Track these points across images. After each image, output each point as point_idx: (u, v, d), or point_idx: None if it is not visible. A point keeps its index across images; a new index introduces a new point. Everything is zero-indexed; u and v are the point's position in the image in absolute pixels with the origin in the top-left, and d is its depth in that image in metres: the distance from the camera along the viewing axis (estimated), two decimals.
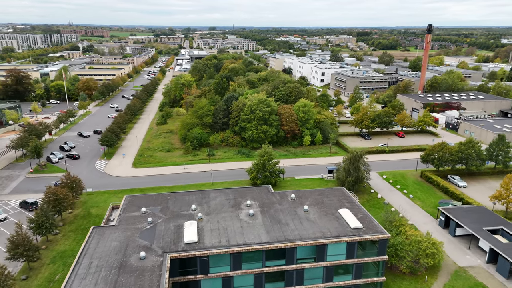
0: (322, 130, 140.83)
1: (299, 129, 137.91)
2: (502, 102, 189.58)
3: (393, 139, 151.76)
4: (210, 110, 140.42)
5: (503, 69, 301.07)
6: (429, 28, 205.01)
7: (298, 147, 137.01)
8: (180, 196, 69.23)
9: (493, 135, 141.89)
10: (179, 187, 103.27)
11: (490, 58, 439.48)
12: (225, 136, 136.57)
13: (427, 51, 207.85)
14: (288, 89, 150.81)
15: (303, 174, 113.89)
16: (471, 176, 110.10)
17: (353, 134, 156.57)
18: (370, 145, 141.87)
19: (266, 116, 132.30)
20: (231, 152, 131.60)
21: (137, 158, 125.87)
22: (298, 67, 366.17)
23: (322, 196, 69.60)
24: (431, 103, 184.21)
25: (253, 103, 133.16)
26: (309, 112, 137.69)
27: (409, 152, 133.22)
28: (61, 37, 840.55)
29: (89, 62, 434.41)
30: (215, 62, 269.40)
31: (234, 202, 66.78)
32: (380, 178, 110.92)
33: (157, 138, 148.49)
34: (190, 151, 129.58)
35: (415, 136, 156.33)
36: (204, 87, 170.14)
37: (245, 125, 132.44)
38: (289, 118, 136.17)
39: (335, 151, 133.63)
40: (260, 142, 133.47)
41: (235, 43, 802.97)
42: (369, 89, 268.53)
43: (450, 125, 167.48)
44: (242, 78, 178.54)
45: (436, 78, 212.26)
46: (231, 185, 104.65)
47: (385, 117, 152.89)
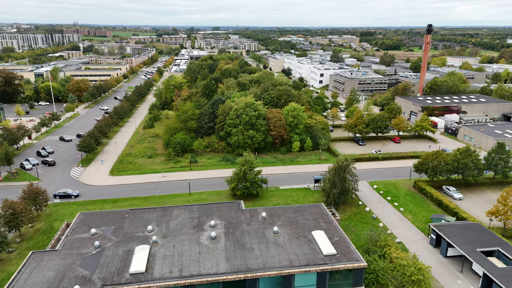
0: (313, 135, 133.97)
1: (288, 135, 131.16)
2: (504, 105, 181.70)
3: (388, 145, 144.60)
4: (195, 114, 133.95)
5: (507, 70, 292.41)
6: (428, 28, 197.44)
7: (286, 153, 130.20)
8: (139, 214, 62.68)
9: (493, 142, 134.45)
10: (154, 198, 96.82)
11: (494, 59, 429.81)
12: (210, 141, 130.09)
13: (426, 52, 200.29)
14: (278, 92, 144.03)
15: (289, 183, 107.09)
16: (467, 186, 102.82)
17: (347, 139, 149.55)
18: (363, 151, 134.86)
19: (253, 120, 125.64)
20: (215, 158, 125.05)
21: (115, 165, 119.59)
22: (297, 67, 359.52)
23: (296, 214, 62.81)
24: (430, 106, 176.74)
25: (239, 107, 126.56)
26: (299, 117, 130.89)
27: (404, 159, 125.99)
28: (62, 37, 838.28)
29: (86, 63, 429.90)
30: (210, 63, 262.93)
31: (198, 222, 60.17)
32: (370, 188, 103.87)
33: (140, 143, 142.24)
34: (172, 158, 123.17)
35: (411, 142, 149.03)
36: (191, 89, 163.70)
37: (231, 130, 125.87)
38: (278, 122, 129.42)
39: (325, 158, 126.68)
40: (246, 148, 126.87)
41: (237, 43, 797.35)
42: (368, 91, 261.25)
43: (449, 130, 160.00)
44: (232, 80, 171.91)
45: (436, 80, 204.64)
46: (210, 195, 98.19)
47: (380, 121, 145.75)
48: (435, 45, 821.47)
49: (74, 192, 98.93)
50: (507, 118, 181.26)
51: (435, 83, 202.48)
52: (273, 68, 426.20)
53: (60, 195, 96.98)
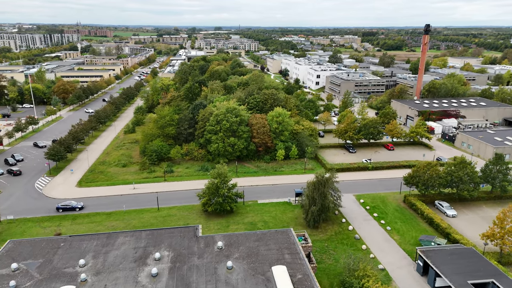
0: (299, 142, 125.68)
1: (272, 142, 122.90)
2: (506, 109, 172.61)
3: (380, 152, 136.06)
4: (174, 119, 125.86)
5: (510, 71, 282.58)
6: (426, 28, 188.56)
7: (271, 162, 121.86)
8: (77, 243, 54.63)
9: (492, 150, 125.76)
10: (119, 214, 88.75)
11: (497, 60, 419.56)
12: (189, 149, 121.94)
13: (424, 53, 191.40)
14: (264, 96, 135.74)
15: (269, 196, 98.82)
16: (462, 201, 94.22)
17: (337, 146, 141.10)
18: (353, 160, 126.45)
19: (234, 127, 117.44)
20: (193, 168, 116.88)
21: (85, 175, 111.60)
22: (294, 68, 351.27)
23: (259, 244, 54.61)
24: (426, 110, 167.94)
25: (220, 112, 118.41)
26: (284, 123, 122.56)
27: (396, 169, 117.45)
28: (61, 37, 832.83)
29: (81, 63, 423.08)
30: (202, 64, 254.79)
31: (142, 253, 52.06)
32: (356, 203, 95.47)
33: (118, 150, 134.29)
34: (147, 167, 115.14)
35: (406, 149, 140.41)
36: (173, 93, 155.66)
37: (211, 137, 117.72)
38: (261, 129, 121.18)
39: (312, 167, 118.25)
40: (227, 156, 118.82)
41: (237, 44, 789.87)
42: (365, 93, 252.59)
43: (446, 136, 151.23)
44: (218, 83, 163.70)
45: (434, 82, 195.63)
46: (180, 211, 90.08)
47: (372, 127, 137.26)
48: (438, 45, 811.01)
49: (78, 204, 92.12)
50: (509, 123, 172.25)
51: (433, 85, 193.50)
52: (271, 69, 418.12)
53: (63, 207, 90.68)
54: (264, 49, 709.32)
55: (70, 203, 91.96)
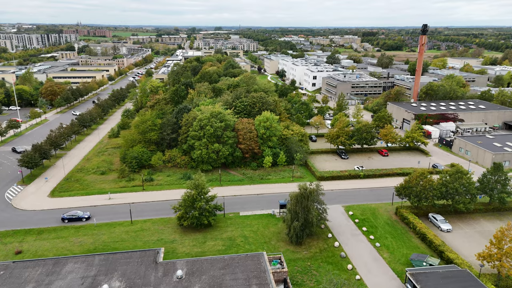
0: (288, 148, 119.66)
1: (259, 148, 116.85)
2: (506, 112, 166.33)
3: (374, 159, 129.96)
4: (156, 124, 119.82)
5: (510, 72, 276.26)
6: (423, 28, 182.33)
7: (257, 169, 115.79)
8: (19, 270, 48.65)
9: (491, 157, 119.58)
10: (89, 228, 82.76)
11: (498, 60, 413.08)
12: (172, 155, 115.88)
13: (421, 55, 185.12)
14: (252, 99, 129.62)
15: (253, 207, 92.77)
16: (458, 214, 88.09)
17: (329, 152, 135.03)
18: (345, 166, 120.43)
19: (219, 132, 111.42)
20: (175, 175, 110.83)
21: (60, 184, 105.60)
22: (291, 69, 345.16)
23: (225, 272, 48.58)
24: (423, 114, 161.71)
25: (203, 117, 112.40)
26: (272, 128, 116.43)
27: (389, 177, 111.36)
28: (59, 37, 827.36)
29: (75, 64, 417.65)
30: (194, 65, 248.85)
31: (90, 284, 46.03)
32: (345, 215, 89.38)
33: (99, 156, 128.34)
34: (126, 175, 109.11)
35: (401, 155, 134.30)
36: (159, 95, 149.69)
37: (194, 143, 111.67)
38: (247, 134, 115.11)
39: (300, 175, 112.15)
40: (211, 163, 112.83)
41: (236, 44, 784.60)
42: (361, 95, 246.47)
43: (443, 141, 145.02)
44: (206, 85, 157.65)
45: (431, 84, 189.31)
46: (155, 224, 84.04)
47: (365, 132, 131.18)
48: (438, 46, 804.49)
49: (85, 214, 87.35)
50: (509, 126, 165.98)
51: (431, 87, 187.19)
52: (268, 69, 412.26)
53: (68, 218, 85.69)
54: (263, 49, 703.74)
55: (76, 213, 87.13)
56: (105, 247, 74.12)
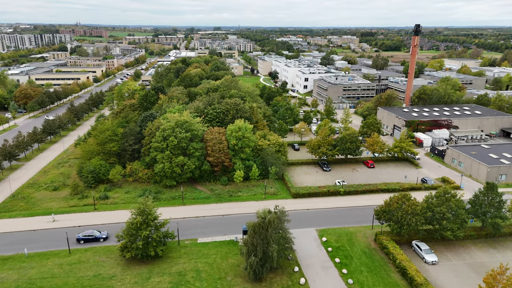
0: (264, 160, 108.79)
1: (230, 160, 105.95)
2: (503, 119, 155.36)
3: (359, 170, 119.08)
4: (118, 133, 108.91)
5: (509, 75, 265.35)
6: (416, 28, 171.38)
7: (228, 184, 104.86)
8: None
9: (486, 170, 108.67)
10: (18, 259, 71.78)
11: (497, 61, 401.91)
12: (133, 169, 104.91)
13: (414, 57, 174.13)
14: (226, 106, 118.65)
15: (215, 232, 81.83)
16: (446, 241, 77.20)
17: (310, 163, 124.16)
18: (326, 180, 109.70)
19: (183, 144, 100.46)
20: (135, 192, 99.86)
21: (4, 202, 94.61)
22: (284, 71, 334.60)
23: None
24: (415, 120, 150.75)
25: (167, 127, 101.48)
26: (245, 139, 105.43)
27: (372, 194, 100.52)
28: (53, 37, 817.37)
29: (63, 64, 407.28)
30: (179, 67, 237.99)
31: None
32: (317, 241, 78.46)
33: (58, 168, 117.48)
34: (79, 191, 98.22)
35: (388, 166, 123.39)
36: (125, 102, 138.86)
37: (156, 156, 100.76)
38: (217, 146, 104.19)
39: (275, 191, 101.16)
40: (175, 178, 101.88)
41: (233, 44, 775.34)
42: (354, 98, 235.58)
43: (435, 150, 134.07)
44: (180, 90, 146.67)
45: (425, 88, 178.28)
46: (97, 254, 73.09)
47: (350, 141, 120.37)
48: (437, 46, 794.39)
49: (102, 234, 78.47)
50: (506, 134, 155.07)
51: (424, 91, 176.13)
52: (261, 70, 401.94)
53: (84, 238, 76.82)
54: (260, 50, 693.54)
55: (92, 233, 78.30)
56: (29, 287, 63.21)
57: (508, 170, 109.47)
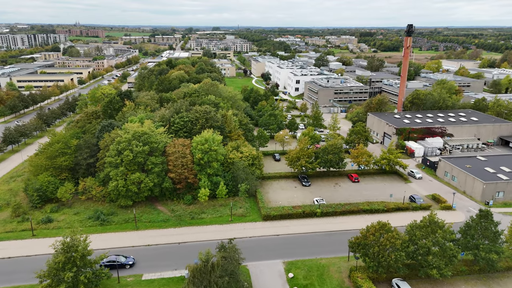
0: (234, 176, 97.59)
1: (195, 177, 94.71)
2: (501, 126, 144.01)
3: (342, 185, 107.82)
4: (71, 145, 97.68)
5: (508, 77, 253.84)
6: (408, 29, 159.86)
7: (193, 203, 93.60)
8: None
9: (482, 186, 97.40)
10: None
11: (496, 62, 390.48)
12: (87, 186, 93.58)
13: (406, 59, 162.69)
14: (195, 114, 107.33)
15: (165, 265, 70.55)
16: (432, 280, 65.79)
17: (289, 176, 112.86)
18: (305, 196, 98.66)
19: (140, 159, 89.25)
20: (86, 213, 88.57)
21: None
22: (276, 72, 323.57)
23: None
24: (406, 128, 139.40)
25: (122, 139, 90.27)
26: (212, 152, 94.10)
27: (353, 215, 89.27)
28: (47, 37, 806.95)
29: (50, 65, 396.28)
30: (162, 68, 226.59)
31: None
32: (283, 278, 67.15)
33: (9, 183, 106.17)
34: (21, 213, 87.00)
35: (375, 180, 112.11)
36: (86, 109, 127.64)
37: (110, 172, 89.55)
38: (179, 160, 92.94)
39: (243, 213, 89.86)
40: (131, 197, 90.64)
41: (229, 44, 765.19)
42: (346, 102, 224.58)
43: (427, 162, 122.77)
44: (151, 95, 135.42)
45: (418, 92, 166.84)
46: None
47: (331, 153, 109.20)
48: (436, 46, 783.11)
49: (129, 259, 70.03)
50: (505, 142, 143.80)
51: (417, 96, 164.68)
52: (254, 72, 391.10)
53: (109, 264, 66.81)
54: (257, 50, 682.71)
55: (117, 258, 68.35)
56: None
57: (506, 187, 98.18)
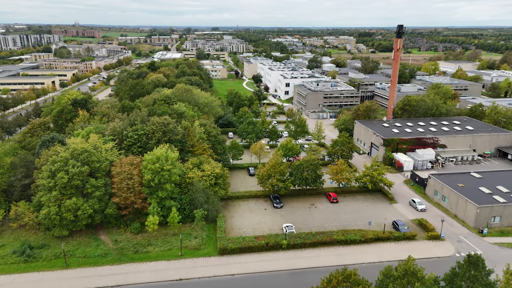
0: (192, 199, 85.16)
1: (144, 201, 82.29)
2: (499, 136, 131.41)
3: (318, 207, 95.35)
4: (4, 164, 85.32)
5: (508, 79, 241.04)
6: (398, 30, 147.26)
7: (141, 232, 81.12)
8: None
9: (475, 211, 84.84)
10: None
11: (496, 64, 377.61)
12: (18, 211, 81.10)
13: (397, 62, 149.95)
14: (151, 127, 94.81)
15: None
16: None
17: (261, 195, 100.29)
18: (275, 221, 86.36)
19: (77, 181, 76.80)
20: (12, 246, 76.00)
21: None
22: (267, 74, 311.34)
23: None
24: (394, 138, 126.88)
25: (57, 159, 77.87)
26: (164, 172, 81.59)
27: (325, 247, 76.69)
28: (40, 38, 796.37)
29: (35, 67, 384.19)
30: (140, 71, 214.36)
31: None
32: None
33: None
34: None
35: (356, 200, 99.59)
36: (35, 120, 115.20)
37: (42, 197, 77.12)
38: (125, 182, 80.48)
39: (196, 245, 77.28)
40: (68, 226, 78.14)
41: (225, 45, 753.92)
42: (336, 106, 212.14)
43: (416, 177, 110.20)
44: (112, 102, 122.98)
45: (409, 98, 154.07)
46: None
47: (306, 169, 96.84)
48: (435, 47, 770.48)
49: None
50: (503, 154, 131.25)
51: (408, 102, 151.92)
52: (247, 73, 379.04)
53: None
54: (253, 51, 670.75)
55: None
56: None
57: (504, 211, 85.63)
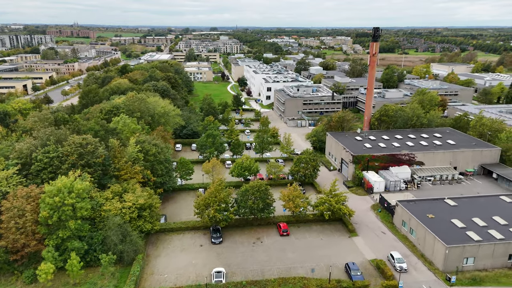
0: (105, 237, 70.90)
1: (40, 242, 68.03)
2: (483, 152, 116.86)
3: (265, 241, 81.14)
4: None
5: (501, 84, 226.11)
6: (374, 33, 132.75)
7: (34, 281, 66.87)
8: None
9: (444, 252, 70.43)
10: None
11: (492, 66, 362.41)
12: None
13: (373, 68, 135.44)
14: (67, 148, 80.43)
15: None
16: None
17: (200, 227, 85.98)
18: (202, 267, 72.03)
19: None
20: None
21: None
22: (252, 77, 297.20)
23: None
24: (365, 155, 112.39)
25: None
26: (66, 207, 67.27)
27: None
28: (31, 39, 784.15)
29: (14, 69, 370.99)
30: (105, 76, 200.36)
31: None
32: None
33: None
34: None
35: (311, 231, 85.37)
36: None
37: None
38: (13, 221, 66.21)
39: None
40: None
41: (219, 45, 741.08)
42: (316, 113, 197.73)
43: (385, 203, 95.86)
44: (41, 116, 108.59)
45: (387, 108, 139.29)
46: None
47: (253, 196, 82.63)
48: (433, 47, 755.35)
49: None
50: (488, 172, 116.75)
51: (386, 113, 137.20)
52: (234, 76, 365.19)
53: None
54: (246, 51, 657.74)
55: None
56: None
57: (478, 251, 71.15)
